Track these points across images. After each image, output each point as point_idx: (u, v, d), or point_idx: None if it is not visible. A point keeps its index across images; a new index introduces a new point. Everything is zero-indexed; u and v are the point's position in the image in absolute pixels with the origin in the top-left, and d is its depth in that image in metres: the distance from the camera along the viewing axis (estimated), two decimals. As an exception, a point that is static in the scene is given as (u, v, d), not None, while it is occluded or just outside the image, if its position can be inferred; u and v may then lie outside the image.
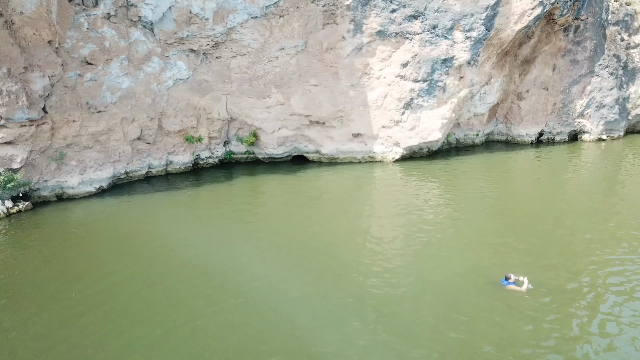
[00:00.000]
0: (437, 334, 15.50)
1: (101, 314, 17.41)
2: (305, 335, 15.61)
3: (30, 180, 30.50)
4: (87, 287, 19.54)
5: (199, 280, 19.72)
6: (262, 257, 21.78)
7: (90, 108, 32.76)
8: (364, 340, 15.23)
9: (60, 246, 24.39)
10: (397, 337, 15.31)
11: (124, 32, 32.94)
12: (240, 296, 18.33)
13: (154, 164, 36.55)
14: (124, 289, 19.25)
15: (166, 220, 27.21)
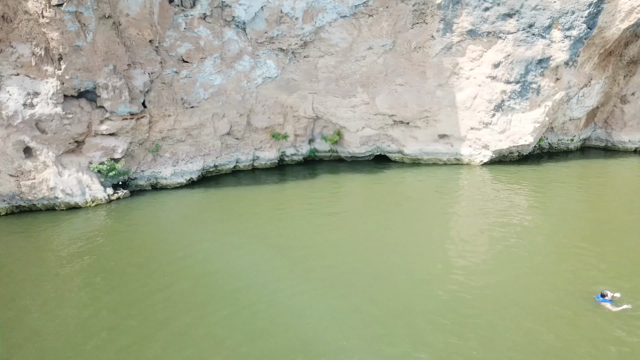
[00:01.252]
0: (524, 352, 14.80)
1: (180, 289, 18.55)
2: (383, 339, 15.55)
3: (129, 170, 32.74)
4: (172, 264, 20.81)
5: (267, 268, 20.19)
6: (330, 260, 21.83)
7: (184, 103, 34.56)
8: (440, 348, 14.89)
9: (154, 229, 26.34)
10: (482, 350, 14.81)
11: (218, 32, 34.38)
12: (305, 292, 18.55)
13: (241, 158, 37.87)
14: (205, 270, 20.18)
15: (250, 213, 28.12)
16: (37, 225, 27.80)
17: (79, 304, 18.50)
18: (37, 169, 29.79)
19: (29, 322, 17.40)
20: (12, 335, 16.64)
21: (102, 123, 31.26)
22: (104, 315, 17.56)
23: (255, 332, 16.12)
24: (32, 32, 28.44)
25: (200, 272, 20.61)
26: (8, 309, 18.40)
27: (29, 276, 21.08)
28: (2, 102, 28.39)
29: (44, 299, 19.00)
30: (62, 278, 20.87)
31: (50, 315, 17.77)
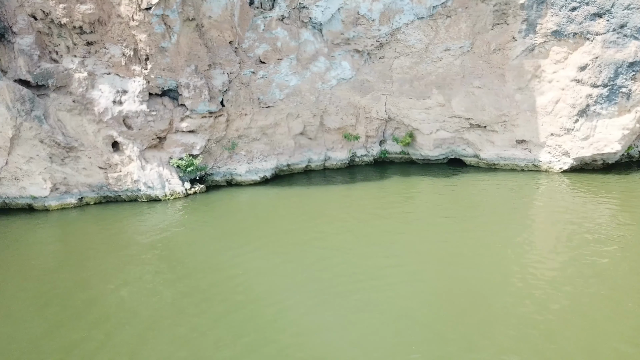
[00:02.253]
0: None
1: (242, 281, 19.47)
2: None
3: (206, 166, 34.15)
4: (240, 257, 21.80)
5: (325, 274, 20.36)
6: (391, 268, 21.57)
7: (260, 103, 35.53)
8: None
9: (227, 223, 27.63)
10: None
11: (295, 33, 35.04)
12: (360, 299, 18.54)
13: (313, 158, 38.38)
14: (269, 264, 20.75)
15: (319, 212, 28.49)
16: (121, 214, 29.73)
17: (149, 291, 19.63)
18: (123, 163, 31.78)
19: (103, 304, 18.69)
20: (87, 315, 17.96)
21: (182, 120, 32.81)
22: (168, 301, 18.52)
23: (328, 325, 16.37)
24: (123, 34, 30.33)
25: (265, 266, 21.19)
26: (85, 291, 19.83)
27: (109, 261, 22.63)
28: (95, 99, 30.52)
29: (118, 284, 20.33)
30: (137, 265, 22.22)
31: (120, 299, 18.98)
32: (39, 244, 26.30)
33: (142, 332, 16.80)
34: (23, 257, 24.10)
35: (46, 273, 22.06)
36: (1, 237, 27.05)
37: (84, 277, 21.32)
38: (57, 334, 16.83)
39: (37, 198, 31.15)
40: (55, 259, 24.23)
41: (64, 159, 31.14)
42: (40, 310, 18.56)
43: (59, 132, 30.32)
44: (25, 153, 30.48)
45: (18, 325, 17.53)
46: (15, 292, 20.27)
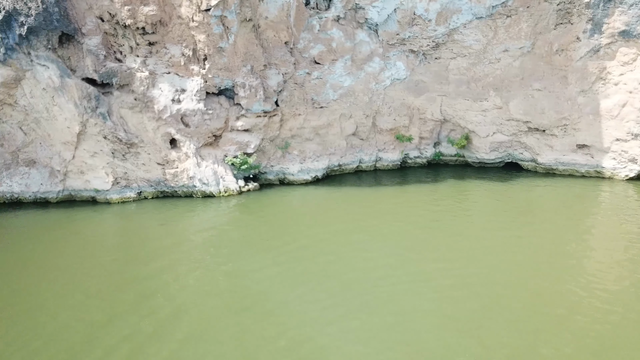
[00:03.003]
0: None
1: (291, 275, 19.51)
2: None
3: (259, 164, 34.71)
4: (288, 253, 22.03)
5: (369, 276, 20.21)
6: (439, 272, 21.18)
7: (314, 103, 35.75)
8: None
9: (279, 220, 28.04)
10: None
11: (350, 34, 35.02)
12: (403, 303, 18.27)
13: (364, 159, 38.27)
14: (317, 261, 20.86)
15: (369, 214, 28.35)
16: (177, 209, 30.70)
17: (200, 287, 20.17)
18: (179, 159, 32.78)
19: (154, 298, 19.35)
20: (139, 308, 18.61)
21: (238, 119, 33.49)
22: (215, 297, 18.94)
23: (370, 326, 16.31)
24: (183, 34, 31.28)
25: (313, 263, 21.34)
26: (139, 284, 20.58)
27: (165, 255, 23.38)
28: (155, 97, 31.63)
29: (171, 278, 20.97)
30: (190, 260, 22.84)
31: (172, 294, 19.58)
32: (100, 236, 27.55)
33: (191, 327, 17.28)
34: (85, 249, 25.31)
35: (104, 265, 23.07)
36: (66, 227, 28.54)
37: (139, 270, 22.15)
38: (110, 326, 17.52)
39: (100, 191, 32.65)
40: (114, 251, 25.29)
41: (125, 155, 32.47)
42: (96, 302, 19.42)
43: (121, 129, 31.63)
44: (90, 148, 32.00)
45: (74, 316, 18.37)
46: (74, 282, 21.30)
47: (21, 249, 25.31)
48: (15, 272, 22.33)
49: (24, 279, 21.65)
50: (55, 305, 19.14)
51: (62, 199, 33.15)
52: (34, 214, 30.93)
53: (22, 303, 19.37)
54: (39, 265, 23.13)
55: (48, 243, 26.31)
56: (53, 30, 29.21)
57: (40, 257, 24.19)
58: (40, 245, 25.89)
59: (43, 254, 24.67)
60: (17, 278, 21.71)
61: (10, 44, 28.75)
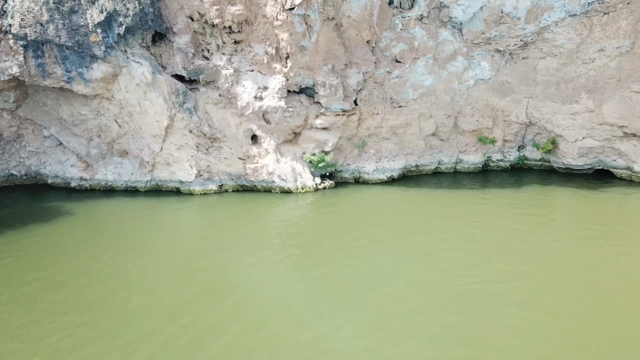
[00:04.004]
0: None
1: (353, 271, 19.45)
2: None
3: (336, 162, 34.96)
4: (360, 248, 22.02)
5: (433, 282, 19.70)
6: (512, 281, 20.26)
7: (393, 103, 35.44)
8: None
9: (354, 217, 28.21)
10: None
11: (433, 33, 34.35)
12: (470, 309, 17.64)
13: (443, 160, 37.45)
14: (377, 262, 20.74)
15: (445, 217, 27.72)
16: (256, 203, 31.70)
17: (267, 272, 20.66)
18: (260, 155, 33.70)
19: (221, 287, 20.07)
20: (216, 292, 19.34)
21: (317, 117, 33.88)
22: (283, 281, 19.32)
23: (438, 326, 16.06)
24: (267, 33, 32.05)
25: (380, 259, 21.21)
26: (213, 272, 21.40)
27: (242, 246, 24.21)
28: (238, 94, 32.68)
29: (248, 270, 21.65)
30: (267, 252, 23.48)
31: (248, 285, 20.21)
32: (182, 225, 29.09)
33: (266, 315, 17.80)
34: (167, 237, 26.77)
35: (181, 252, 24.26)
36: (153, 216, 30.39)
37: (212, 259, 23.14)
38: (175, 314, 18.41)
39: (184, 182, 34.30)
40: (193, 240, 26.49)
41: (209, 149, 33.85)
42: (167, 289, 20.46)
43: (205, 124, 32.99)
44: (176, 141, 33.67)
45: (147, 302, 19.47)
46: (152, 269, 22.54)
47: (111, 233, 27.24)
48: (103, 254, 24.05)
49: (110, 261, 23.30)
50: (129, 290, 20.41)
51: (149, 189, 35.19)
52: (125, 201, 33.12)
53: (103, 285, 20.89)
54: (124, 249, 24.80)
55: (135, 229, 28.12)
56: (147, 30, 30.94)
57: (126, 241, 25.89)
58: (128, 231, 27.72)
59: (129, 239, 26.41)
60: (104, 260, 23.41)
61: (109, 42, 30.78)
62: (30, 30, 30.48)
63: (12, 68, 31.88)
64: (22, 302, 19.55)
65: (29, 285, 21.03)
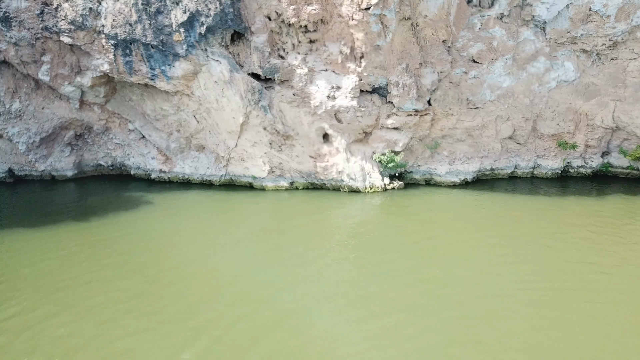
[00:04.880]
0: None
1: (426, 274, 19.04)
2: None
3: (406, 163, 34.57)
4: (427, 246, 21.58)
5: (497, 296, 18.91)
6: (583, 302, 19.08)
7: (469, 104, 34.51)
8: None
9: (423, 220, 27.66)
10: None
11: (513, 32, 33.11)
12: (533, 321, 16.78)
13: (520, 164, 36.05)
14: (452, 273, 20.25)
15: (519, 224, 26.67)
16: (325, 201, 32.03)
17: (326, 268, 20.79)
18: (330, 154, 33.98)
19: (282, 283, 20.40)
20: (262, 291, 19.74)
21: (388, 117, 33.65)
22: (343, 277, 19.37)
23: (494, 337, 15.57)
24: (342, 33, 32.20)
25: (446, 264, 20.76)
26: (277, 267, 21.81)
27: (305, 242, 24.55)
28: (312, 93, 33.08)
29: (315, 266, 21.92)
30: (333, 249, 23.65)
31: (315, 281, 20.47)
32: (253, 218, 30.08)
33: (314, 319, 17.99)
34: (240, 230, 27.67)
35: (259, 245, 24.97)
36: (226, 208, 31.84)
37: (282, 254, 23.64)
38: (241, 303, 18.99)
39: (257, 178, 35.25)
40: (264, 235, 27.15)
41: (281, 146, 34.54)
42: (236, 280, 21.13)
43: (279, 122, 33.68)
44: (251, 138, 34.64)
45: (214, 289, 20.21)
46: (222, 261, 23.35)
47: (188, 223, 28.59)
48: (178, 244, 25.21)
49: (184, 249, 24.39)
50: (200, 281, 21.24)
51: (223, 183, 36.48)
52: (201, 194, 34.60)
53: (176, 272, 21.91)
54: (198, 240, 25.91)
55: (210, 221, 29.33)
56: (227, 29, 32.00)
57: (201, 233, 27.02)
58: (204, 222, 28.98)
59: (204, 230, 27.56)
60: (179, 248, 24.56)
61: (191, 41, 32.13)
62: (120, 30, 32.42)
63: (103, 65, 34.10)
64: (102, 281, 20.96)
65: (109, 267, 22.52)
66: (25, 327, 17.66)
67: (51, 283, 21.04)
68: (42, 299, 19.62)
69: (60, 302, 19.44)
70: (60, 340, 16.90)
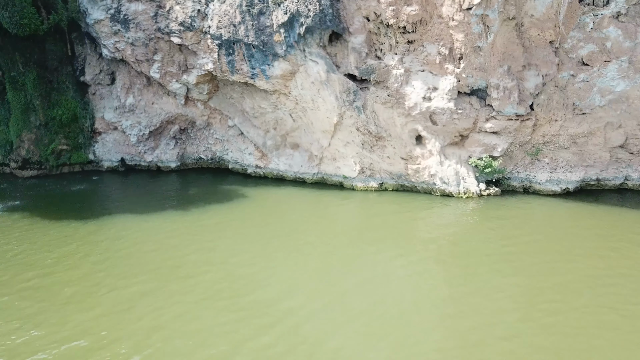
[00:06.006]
0: None
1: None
2: None
3: (504, 169, 33.19)
4: (521, 259, 20.52)
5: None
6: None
7: (574, 109, 32.42)
8: None
9: (521, 230, 26.42)
10: None
11: (631, 32, 30.60)
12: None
13: (632, 176, 33.30)
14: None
15: (628, 242, 24.69)
16: (415, 204, 31.60)
17: (424, 283, 20.44)
18: (423, 156, 33.42)
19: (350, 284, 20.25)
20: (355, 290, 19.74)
21: (487, 121, 32.46)
22: (423, 282, 18.91)
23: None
24: (441, 33, 31.50)
25: (536, 279, 19.68)
26: (356, 270, 21.78)
27: (392, 242, 24.33)
28: (407, 94, 32.70)
29: (393, 271, 21.68)
30: (419, 249, 23.27)
31: (394, 289, 20.25)
32: (344, 217, 30.35)
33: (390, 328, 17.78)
34: (328, 227, 28.09)
35: (334, 244, 25.19)
36: (318, 205, 32.57)
37: (365, 257, 23.63)
38: (311, 300, 19.15)
39: (347, 178, 35.53)
40: (350, 233, 27.30)
41: (373, 147, 34.52)
42: (310, 279, 21.38)
43: (372, 122, 33.67)
44: (344, 138, 34.96)
45: (289, 285, 20.57)
46: (301, 258, 23.77)
47: (279, 218, 29.45)
48: (268, 238, 26.02)
49: (272, 244, 25.12)
50: (283, 273, 21.73)
51: (315, 181, 37.16)
52: (293, 190, 35.59)
53: (258, 266, 22.60)
54: (287, 234, 26.57)
55: (301, 217, 30.07)
56: (325, 30, 32.48)
57: (291, 227, 27.71)
58: (295, 217, 29.71)
59: (294, 225, 28.24)
60: (266, 243, 25.34)
61: (290, 41, 32.98)
62: (225, 31, 34.01)
63: (208, 64, 36.01)
64: (188, 268, 22.19)
65: (195, 254, 23.93)
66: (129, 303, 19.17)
67: (144, 264, 22.66)
68: (144, 277, 21.22)
69: (155, 280, 20.89)
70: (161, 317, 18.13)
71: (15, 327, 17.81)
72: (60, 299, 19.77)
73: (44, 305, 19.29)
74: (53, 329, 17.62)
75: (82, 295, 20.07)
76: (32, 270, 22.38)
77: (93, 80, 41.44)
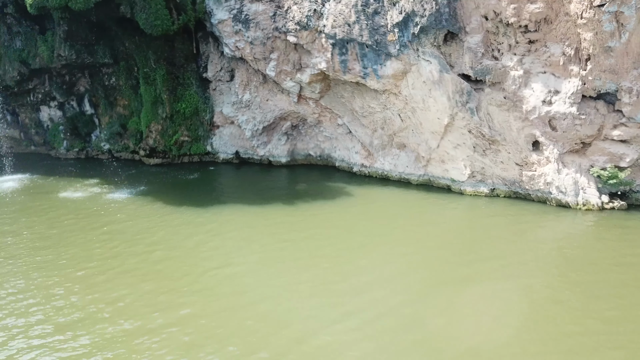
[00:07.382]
0: None
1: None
2: None
3: (632, 181, 30.34)
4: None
5: None
6: None
7: None
8: None
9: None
10: None
11: None
12: None
13: None
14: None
15: None
16: (528, 213, 29.98)
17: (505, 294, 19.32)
18: (539, 163, 31.52)
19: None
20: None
21: (615, 128, 29.81)
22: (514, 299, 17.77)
23: None
24: (567, 33, 29.45)
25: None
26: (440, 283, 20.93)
27: (498, 254, 23.23)
28: (525, 97, 31.01)
29: (496, 284, 20.66)
30: (524, 264, 22.00)
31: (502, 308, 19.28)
32: (449, 223, 29.60)
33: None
34: (431, 233, 27.52)
35: (429, 252, 24.58)
36: (424, 208, 32.10)
37: (464, 269, 22.79)
38: (386, 314, 18.70)
39: (456, 181, 34.53)
40: (453, 241, 26.52)
41: (485, 151, 33.19)
42: (390, 291, 20.94)
43: (486, 125, 32.37)
44: (454, 140, 34.01)
45: (371, 290, 20.30)
46: (391, 264, 23.41)
47: (385, 220, 29.43)
48: (368, 240, 26.07)
49: (370, 246, 25.12)
50: (368, 266, 21.56)
51: (420, 182, 36.54)
52: (398, 191, 35.30)
53: (347, 269, 22.61)
54: (389, 240, 26.38)
55: (405, 220, 29.84)
56: (440, 29, 31.77)
57: (396, 232, 27.53)
58: (400, 221, 29.57)
59: (399, 229, 28.04)
60: (363, 245, 25.38)
61: (404, 41, 32.70)
62: (339, 30, 34.54)
63: (321, 63, 36.83)
64: (269, 262, 22.88)
65: (282, 250, 24.74)
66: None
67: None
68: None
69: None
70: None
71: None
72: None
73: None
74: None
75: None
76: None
77: (214, 77, 44.11)
